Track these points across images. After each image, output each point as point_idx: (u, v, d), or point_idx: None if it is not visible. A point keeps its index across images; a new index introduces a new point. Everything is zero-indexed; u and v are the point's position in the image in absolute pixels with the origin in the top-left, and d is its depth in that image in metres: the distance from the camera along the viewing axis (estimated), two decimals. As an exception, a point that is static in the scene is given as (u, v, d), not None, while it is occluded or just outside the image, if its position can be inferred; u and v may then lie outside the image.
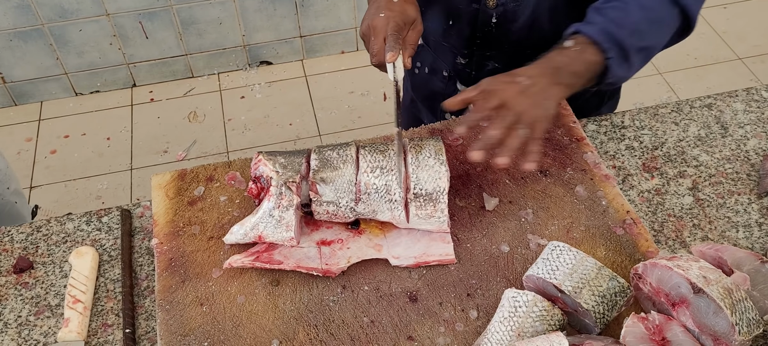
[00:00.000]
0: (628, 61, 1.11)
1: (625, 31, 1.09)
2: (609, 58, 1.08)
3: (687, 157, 1.24)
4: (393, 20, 1.08)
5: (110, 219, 1.19)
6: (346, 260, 1.03)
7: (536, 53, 1.31)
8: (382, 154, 1.05)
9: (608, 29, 1.09)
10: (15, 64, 2.85)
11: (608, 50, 1.08)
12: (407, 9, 1.10)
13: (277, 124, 2.87)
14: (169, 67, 3.04)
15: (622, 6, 1.10)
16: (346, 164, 1.04)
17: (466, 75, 1.40)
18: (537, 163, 1.01)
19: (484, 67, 1.36)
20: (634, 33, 1.09)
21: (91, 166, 2.74)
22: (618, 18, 1.09)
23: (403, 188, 1.03)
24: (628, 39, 1.09)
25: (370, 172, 1.03)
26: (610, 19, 1.09)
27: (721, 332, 0.86)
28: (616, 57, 1.09)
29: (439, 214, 1.03)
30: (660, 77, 3.03)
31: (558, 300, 0.95)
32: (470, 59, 1.37)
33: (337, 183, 1.03)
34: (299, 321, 0.99)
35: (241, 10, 2.90)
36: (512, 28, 1.27)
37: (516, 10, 1.24)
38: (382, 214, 1.05)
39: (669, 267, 0.90)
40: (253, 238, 1.04)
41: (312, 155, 1.06)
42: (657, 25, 1.12)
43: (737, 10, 3.33)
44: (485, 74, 1.36)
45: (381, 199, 1.03)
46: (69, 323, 1.02)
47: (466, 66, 1.38)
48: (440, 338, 0.97)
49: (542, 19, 1.25)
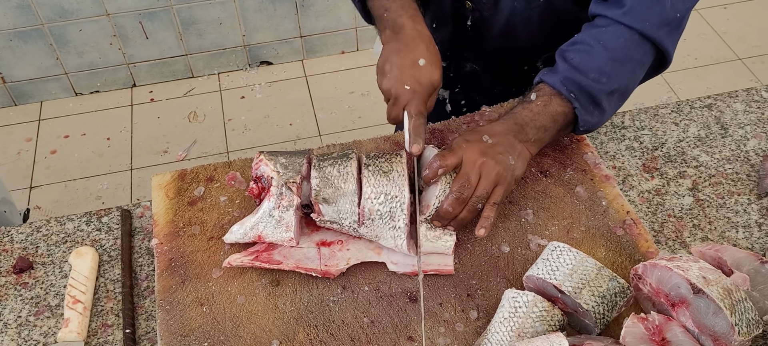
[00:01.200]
0: (599, 107, 1.06)
1: (590, 77, 1.04)
2: (575, 108, 1.05)
3: (687, 157, 1.24)
4: (418, 98, 1.03)
5: (110, 219, 1.19)
6: (346, 262, 1.03)
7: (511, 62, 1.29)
8: (386, 176, 1.01)
9: (571, 77, 1.04)
10: (15, 64, 2.85)
11: (573, 100, 1.04)
12: (433, 77, 1.05)
13: (278, 125, 2.87)
14: (169, 67, 3.04)
15: (586, 49, 1.05)
16: (347, 183, 1.01)
17: (445, 77, 1.40)
18: (487, 230, 0.99)
19: (463, 68, 1.35)
20: (600, 77, 1.04)
21: (91, 166, 2.74)
22: (581, 63, 1.04)
23: (407, 214, 1.00)
24: (593, 85, 1.04)
25: (374, 198, 1.00)
26: (574, 65, 1.05)
27: (721, 333, 0.86)
28: (583, 105, 1.05)
29: (446, 237, 1.02)
30: (660, 78, 3.02)
31: (558, 301, 0.95)
32: (450, 61, 1.36)
33: (340, 204, 1.01)
34: (299, 321, 0.99)
35: (242, 10, 2.90)
36: (488, 35, 1.25)
37: (490, 19, 1.22)
38: (384, 240, 1.02)
39: (669, 268, 0.90)
40: (253, 238, 1.04)
41: (312, 171, 1.03)
42: (625, 65, 1.06)
43: (737, 11, 3.33)
44: (464, 76, 1.36)
45: (385, 225, 1.01)
46: (69, 324, 1.02)
47: (445, 68, 1.37)
48: (440, 339, 0.97)
49: (517, 30, 1.22)
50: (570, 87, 1.04)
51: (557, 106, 1.06)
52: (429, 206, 1.02)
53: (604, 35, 1.04)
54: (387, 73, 1.05)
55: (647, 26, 1.03)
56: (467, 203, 0.99)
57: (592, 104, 1.06)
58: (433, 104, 1.08)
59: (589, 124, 1.08)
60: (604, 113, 1.08)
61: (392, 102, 1.05)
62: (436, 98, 1.08)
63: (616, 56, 1.04)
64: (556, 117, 1.06)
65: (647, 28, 1.03)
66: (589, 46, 1.05)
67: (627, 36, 1.03)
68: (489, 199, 1.00)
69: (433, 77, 1.05)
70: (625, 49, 1.04)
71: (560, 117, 1.06)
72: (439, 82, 1.07)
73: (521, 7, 1.19)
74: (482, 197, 0.99)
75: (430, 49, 1.06)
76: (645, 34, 1.03)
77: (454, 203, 0.98)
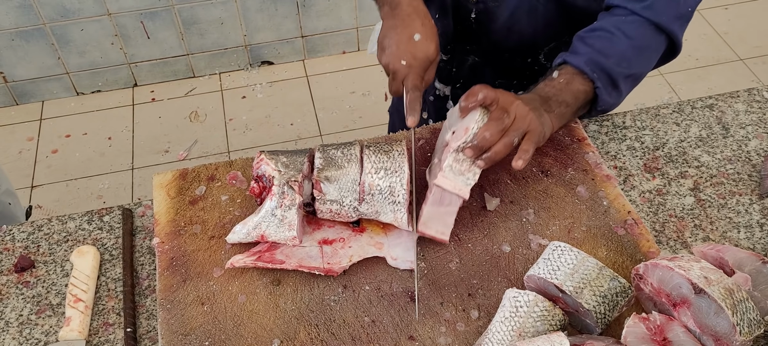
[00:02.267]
0: (616, 89, 1.13)
1: (611, 60, 1.10)
2: (597, 87, 1.10)
3: (688, 157, 1.24)
4: (414, 72, 1.07)
5: (111, 218, 1.19)
6: (348, 259, 1.03)
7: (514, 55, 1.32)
8: (386, 155, 1.05)
9: (595, 59, 1.10)
10: (17, 64, 2.85)
11: (596, 79, 1.10)
12: (429, 51, 1.09)
13: (279, 124, 2.87)
14: (170, 67, 3.04)
15: (607, 35, 1.12)
16: (350, 163, 1.04)
17: (446, 72, 1.41)
18: (524, 162, 1.00)
19: (464, 62, 1.37)
20: (621, 61, 1.11)
21: (93, 165, 2.74)
22: (604, 47, 1.11)
23: (406, 189, 1.03)
24: (615, 67, 1.10)
25: (374, 172, 1.03)
26: (597, 49, 1.11)
27: (723, 333, 0.86)
28: (604, 86, 1.11)
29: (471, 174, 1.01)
30: (661, 78, 3.03)
31: (559, 300, 0.95)
32: (452, 56, 1.37)
33: (342, 182, 1.03)
34: (300, 321, 0.99)
35: (243, 10, 2.90)
36: (492, 27, 1.27)
37: (495, 10, 1.24)
38: (384, 215, 1.05)
39: (670, 267, 0.90)
40: (256, 237, 1.04)
41: (316, 153, 1.06)
42: (643, 52, 1.14)
43: (738, 11, 3.33)
44: (466, 69, 1.38)
45: (384, 200, 1.03)
46: (70, 322, 1.02)
47: (447, 63, 1.39)
48: (441, 338, 0.96)
49: (521, 22, 1.25)
50: (593, 68, 1.10)
51: (579, 85, 1.11)
52: (467, 131, 1.01)
53: (624, 24, 1.11)
54: (386, 48, 1.10)
55: (664, 19, 1.11)
56: (506, 132, 1.01)
57: (611, 86, 1.12)
58: (431, 77, 1.12)
59: (606, 105, 1.14)
60: (620, 95, 1.15)
61: (391, 77, 1.10)
62: (434, 71, 1.12)
63: (636, 44, 1.12)
64: (577, 95, 1.11)
65: (664, 21, 1.11)
66: (610, 33, 1.12)
67: (646, 27, 1.11)
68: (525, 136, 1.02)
69: (429, 51, 1.09)
70: (645, 39, 1.12)
71: (581, 95, 1.11)
72: (435, 55, 1.10)
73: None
74: (520, 130, 1.01)
75: (425, 24, 1.10)
76: (661, 26, 1.11)
77: (495, 129, 0.99)
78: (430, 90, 1.47)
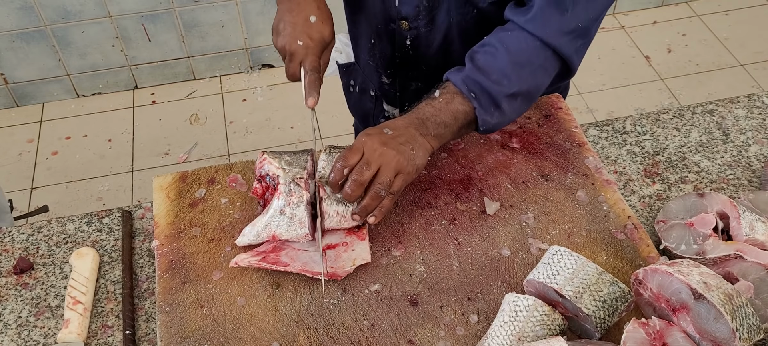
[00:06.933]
0: (499, 109, 1.08)
1: (492, 78, 1.06)
2: (475, 107, 1.07)
3: (688, 163, 1.24)
4: (312, 53, 1.08)
5: (111, 220, 1.19)
6: (352, 262, 1.03)
7: None
8: None
9: (474, 77, 1.06)
10: (17, 66, 2.86)
11: (472, 99, 1.06)
12: (324, 32, 1.10)
13: (279, 127, 2.87)
14: (171, 70, 3.05)
15: (491, 51, 1.07)
16: None
17: (391, 95, 1.39)
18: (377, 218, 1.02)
19: (408, 87, 1.35)
20: (501, 79, 1.06)
21: (93, 167, 2.74)
22: (486, 64, 1.07)
23: None
24: (494, 86, 1.06)
25: None
26: (479, 66, 1.07)
27: (722, 338, 0.86)
28: (483, 105, 1.07)
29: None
30: (662, 83, 3.03)
31: (559, 305, 0.95)
32: (394, 79, 1.36)
33: None
34: (299, 324, 0.99)
35: (244, 13, 2.91)
36: (427, 52, 1.25)
37: (428, 35, 1.22)
38: None
39: (670, 273, 0.90)
40: (267, 237, 1.04)
41: (322, 155, 1.06)
42: (526, 69, 1.08)
43: (739, 17, 3.34)
44: (410, 94, 1.36)
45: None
46: (69, 324, 1.02)
47: (390, 86, 1.37)
48: (441, 342, 0.96)
49: (455, 44, 1.22)
50: (471, 86, 1.07)
51: (458, 105, 1.08)
52: None
53: (509, 39, 1.07)
54: (281, 31, 1.10)
55: (547, 33, 1.05)
56: (369, 188, 1.01)
57: (492, 105, 1.08)
58: (327, 60, 1.12)
59: (488, 125, 1.09)
60: (504, 115, 1.10)
61: (288, 59, 1.09)
62: (329, 54, 1.13)
63: (517, 60, 1.07)
64: (456, 115, 1.08)
65: (547, 36, 1.05)
66: (494, 48, 1.08)
67: (529, 41, 1.06)
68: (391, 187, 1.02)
69: (324, 33, 1.10)
70: (526, 54, 1.07)
71: (461, 115, 1.08)
72: (331, 37, 1.11)
73: (457, 20, 1.18)
74: (385, 184, 1.00)
75: (320, 7, 1.10)
76: (545, 41, 1.05)
77: (353, 185, 1.00)
78: (379, 112, 1.46)
